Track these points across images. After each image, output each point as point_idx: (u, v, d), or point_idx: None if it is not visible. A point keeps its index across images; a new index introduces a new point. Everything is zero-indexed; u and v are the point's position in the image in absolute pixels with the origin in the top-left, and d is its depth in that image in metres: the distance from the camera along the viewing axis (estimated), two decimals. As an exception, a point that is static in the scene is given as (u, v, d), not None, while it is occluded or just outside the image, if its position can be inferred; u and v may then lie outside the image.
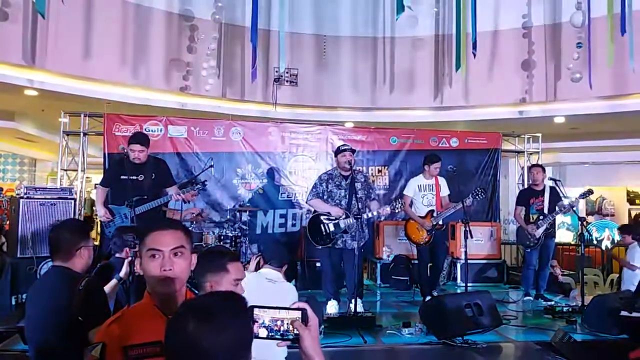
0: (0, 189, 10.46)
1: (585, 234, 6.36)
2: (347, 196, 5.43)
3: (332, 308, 5.34)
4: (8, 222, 6.68)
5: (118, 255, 4.05)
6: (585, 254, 6.43)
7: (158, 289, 1.83)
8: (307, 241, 6.63)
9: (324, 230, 5.38)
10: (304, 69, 8.99)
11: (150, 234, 1.86)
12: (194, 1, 8.29)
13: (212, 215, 7.31)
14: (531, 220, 6.34)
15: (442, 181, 6.26)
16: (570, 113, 8.57)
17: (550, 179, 6.44)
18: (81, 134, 7.33)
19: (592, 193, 6.32)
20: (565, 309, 5.58)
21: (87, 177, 7.88)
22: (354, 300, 5.01)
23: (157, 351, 1.68)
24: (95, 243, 7.20)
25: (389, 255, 7.44)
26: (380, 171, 8.08)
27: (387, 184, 8.03)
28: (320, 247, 5.45)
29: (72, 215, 6.05)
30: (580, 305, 5.52)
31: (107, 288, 3.12)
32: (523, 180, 8.78)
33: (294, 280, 7.22)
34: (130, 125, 7.10)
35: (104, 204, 5.21)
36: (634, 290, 5.01)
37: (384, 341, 4.55)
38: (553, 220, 6.38)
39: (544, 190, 6.40)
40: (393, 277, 7.23)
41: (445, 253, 6.98)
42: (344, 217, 5.33)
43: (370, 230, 7.38)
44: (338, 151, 5.56)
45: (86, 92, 7.70)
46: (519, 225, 6.53)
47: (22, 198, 5.77)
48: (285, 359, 2.78)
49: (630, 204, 12.54)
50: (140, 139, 5.18)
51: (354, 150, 5.60)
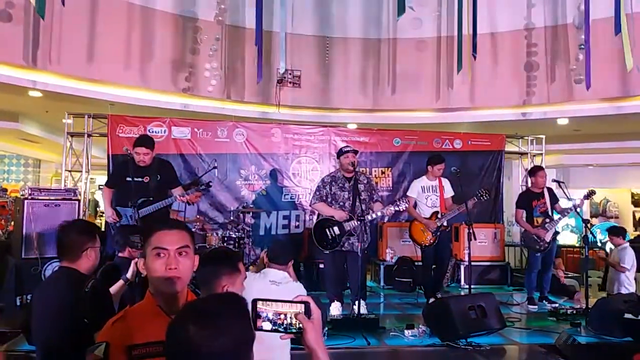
0: (5, 190, 10.50)
1: (590, 236, 6.34)
2: (351, 198, 5.42)
3: (336, 310, 5.34)
4: (12, 223, 6.70)
5: (121, 254, 4.06)
6: (589, 256, 6.41)
7: (162, 289, 1.82)
8: (311, 243, 6.64)
9: (329, 235, 5.37)
10: (307, 70, 9.00)
11: (155, 232, 1.85)
12: (197, 3, 8.31)
13: (216, 217, 7.32)
14: (536, 223, 6.27)
15: (446, 182, 6.24)
16: (573, 115, 8.56)
17: (554, 180, 6.40)
18: (85, 135, 7.35)
19: (595, 194, 6.27)
20: (569, 312, 5.57)
21: (91, 178, 7.90)
22: (357, 302, 5.01)
23: (160, 351, 1.67)
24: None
25: (392, 257, 7.43)
26: (383, 172, 8.08)
27: (391, 186, 8.03)
28: (327, 252, 5.43)
29: (77, 216, 6.07)
30: (584, 307, 5.50)
31: (114, 289, 3.12)
32: (527, 182, 8.76)
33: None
34: (134, 127, 7.11)
35: (110, 205, 5.23)
36: None
37: (387, 343, 4.55)
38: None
39: (543, 192, 6.36)
40: (396, 279, 7.22)
41: (450, 255, 6.97)
42: (348, 220, 5.33)
43: (374, 232, 7.40)
44: (341, 153, 5.55)
45: (90, 94, 7.73)
46: (524, 229, 6.46)
47: (27, 199, 5.79)
48: None
49: (635, 205, 12.52)
50: (146, 141, 5.18)
51: (356, 152, 5.59)
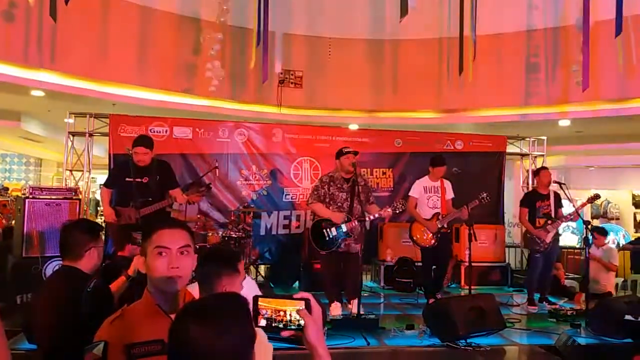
0: (6, 189, 10.53)
1: (590, 237, 6.33)
2: (349, 199, 5.42)
3: (337, 310, 5.33)
4: (14, 222, 6.72)
5: (121, 253, 4.08)
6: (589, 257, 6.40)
7: (163, 287, 1.81)
8: (311, 243, 6.64)
9: (326, 235, 5.36)
10: (309, 71, 9.01)
11: (157, 231, 1.84)
12: (199, 3, 8.33)
13: (216, 217, 7.33)
14: (538, 224, 6.27)
15: (448, 184, 6.23)
16: (575, 116, 8.56)
17: (556, 182, 6.40)
18: (87, 135, 7.36)
19: (599, 198, 6.26)
20: (569, 313, 5.56)
21: (92, 178, 7.91)
22: (357, 302, 5.01)
23: (159, 349, 1.69)
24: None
25: (392, 258, 7.43)
26: (384, 173, 8.07)
27: (391, 186, 8.03)
28: (324, 252, 5.42)
29: (78, 216, 6.08)
30: (584, 308, 5.50)
31: (115, 285, 3.13)
32: (528, 184, 8.76)
33: (297, 282, 7.25)
34: (136, 126, 7.12)
35: (110, 205, 5.25)
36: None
37: (387, 343, 4.55)
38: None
39: (549, 194, 6.36)
40: (397, 280, 7.22)
41: (450, 255, 6.97)
42: (346, 222, 5.32)
43: (374, 233, 7.40)
44: (341, 153, 5.52)
45: (92, 93, 7.75)
46: (525, 230, 6.45)
47: (28, 198, 5.80)
48: None
49: (636, 207, 12.50)
50: (144, 141, 5.20)
51: (356, 152, 5.58)
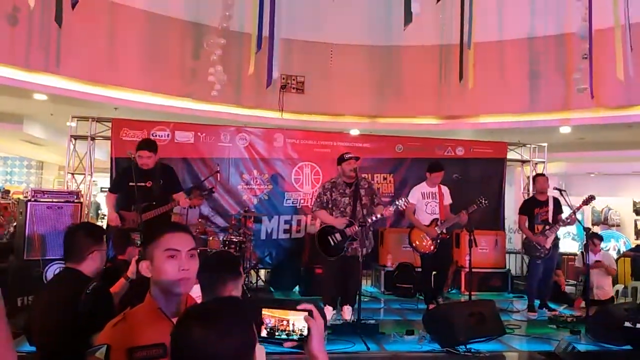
0: (8, 192, 10.56)
1: (590, 244, 6.34)
2: (352, 203, 5.44)
3: (329, 314, 5.34)
4: (15, 224, 6.74)
5: (121, 257, 4.09)
6: (589, 264, 6.41)
7: (173, 290, 1.81)
8: (311, 248, 6.65)
9: (332, 242, 5.39)
10: (311, 76, 9.04)
11: (166, 234, 1.84)
12: (202, 9, 8.37)
13: (217, 221, 7.35)
14: (536, 231, 6.29)
15: (445, 190, 6.26)
16: (576, 123, 8.58)
17: (556, 188, 6.42)
18: (89, 138, 7.38)
19: (594, 199, 6.27)
20: (569, 319, 5.57)
21: (94, 181, 7.93)
22: (348, 309, 5.03)
23: (161, 353, 1.70)
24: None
25: (392, 263, 7.44)
26: (385, 179, 8.09)
27: (392, 192, 8.03)
28: (333, 259, 5.43)
29: (79, 219, 6.11)
30: (584, 315, 5.50)
31: (116, 288, 3.13)
32: (528, 190, 8.77)
33: (297, 286, 7.25)
34: (138, 131, 7.14)
35: (114, 209, 5.28)
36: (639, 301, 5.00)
37: (387, 348, 4.56)
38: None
39: (547, 200, 6.38)
40: (397, 285, 7.23)
41: (450, 261, 6.97)
42: (349, 225, 5.34)
43: (375, 238, 7.41)
44: (342, 159, 5.55)
45: (95, 97, 7.79)
46: (525, 236, 6.48)
47: (30, 201, 5.84)
48: None
49: (637, 214, 12.50)
50: (148, 145, 5.24)
51: (358, 158, 5.60)
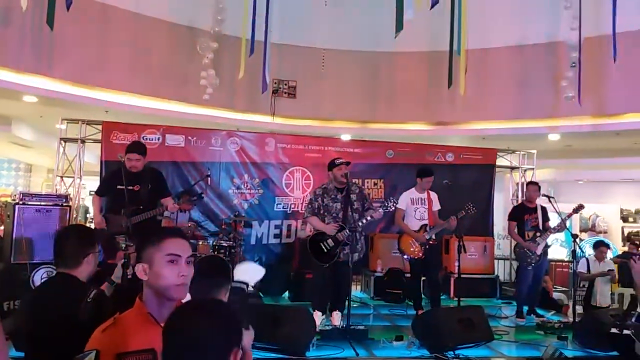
0: (-5, 194, 10.45)
1: (578, 250, 6.41)
2: (343, 209, 5.45)
3: (318, 319, 5.33)
4: (2, 228, 6.68)
5: (110, 261, 4.07)
6: (577, 270, 6.48)
7: (171, 295, 1.81)
8: (302, 253, 6.66)
9: (324, 248, 5.39)
10: (302, 81, 9.06)
11: (168, 239, 1.85)
12: (194, 12, 8.37)
13: (207, 225, 7.32)
14: (527, 237, 6.35)
15: (434, 196, 6.29)
16: (564, 131, 8.67)
17: (544, 195, 6.48)
18: (79, 141, 7.34)
19: (583, 208, 6.37)
20: (556, 325, 5.60)
21: (82, 184, 7.88)
22: (337, 314, 5.02)
23: (150, 358, 1.70)
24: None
25: (382, 268, 7.45)
26: (375, 184, 8.12)
27: (383, 197, 8.05)
28: (327, 265, 5.42)
29: (68, 223, 6.06)
30: (571, 321, 5.54)
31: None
32: (517, 196, 8.84)
33: (287, 292, 7.24)
34: (128, 134, 7.11)
35: (100, 212, 5.24)
36: (626, 308, 5.06)
37: (376, 354, 4.55)
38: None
39: (536, 207, 6.45)
40: (387, 290, 7.24)
41: (439, 267, 6.99)
42: (340, 230, 5.35)
43: (365, 243, 7.42)
44: (333, 164, 5.56)
45: (85, 100, 7.74)
46: (516, 243, 6.54)
47: (18, 204, 5.79)
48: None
49: (624, 221, 12.64)
50: (137, 148, 5.23)
51: (349, 163, 5.63)
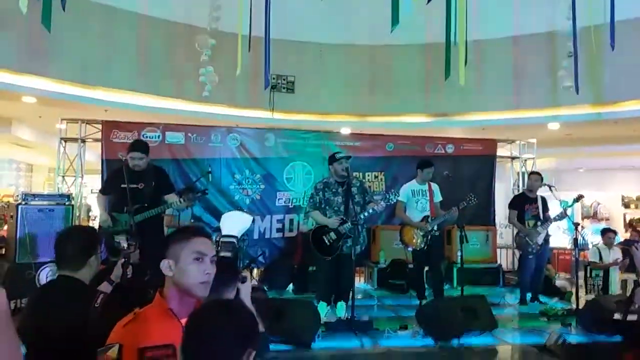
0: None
1: (580, 238, 6.43)
2: (345, 202, 5.47)
3: (322, 310, 5.37)
4: (6, 228, 6.71)
5: (114, 259, 4.09)
6: (580, 257, 6.50)
7: (195, 292, 1.85)
8: (304, 247, 6.68)
9: (327, 241, 5.42)
10: (301, 76, 9.06)
11: (195, 237, 1.90)
12: (191, 9, 8.36)
13: (210, 221, 7.34)
14: (527, 226, 6.39)
15: (435, 187, 6.31)
16: (564, 120, 8.68)
17: (545, 184, 6.50)
18: (79, 141, 7.34)
19: (583, 198, 6.41)
20: (560, 312, 5.64)
21: (84, 183, 7.90)
22: (347, 303, 5.06)
23: (169, 354, 1.73)
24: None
25: (385, 260, 7.48)
26: (376, 177, 8.14)
27: (384, 190, 8.07)
28: (329, 258, 5.45)
29: (70, 222, 6.09)
30: (575, 308, 5.57)
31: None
32: (518, 186, 8.86)
33: (291, 285, 7.28)
34: (128, 132, 7.12)
35: (105, 211, 5.26)
36: (629, 294, 5.07)
37: (381, 344, 4.59)
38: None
39: (536, 197, 6.48)
40: (390, 281, 7.28)
41: (442, 257, 7.02)
42: (342, 224, 5.37)
43: (367, 235, 7.45)
44: (334, 159, 5.59)
45: (84, 99, 7.75)
46: (517, 232, 6.57)
47: (20, 204, 5.82)
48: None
49: (625, 208, 12.68)
50: (140, 146, 5.22)
51: (349, 157, 5.65)
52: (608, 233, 7.30)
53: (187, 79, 8.22)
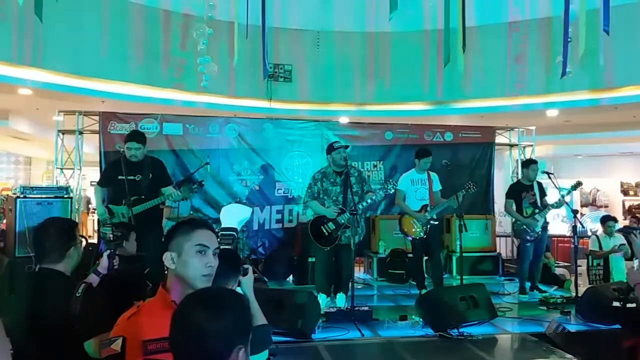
0: (-5, 188, 10.46)
1: (579, 225, 6.43)
2: (343, 192, 5.47)
3: (322, 301, 5.38)
4: (5, 221, 6.70)
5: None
6: (579, 245, 6.51)
7: (196, 284, 1.84)
8: (304, 238, 6.67)
9: (325, 231, 5.42)
10: (298, 64, 9.00)
11: (198, 230, 1.91)
12: (187, -2, 8.29)
13: (209, 212, 7.33)
14: (525, 214, 6.37)
15: (434, 176, 6.29)
16: (563, 106, 8.65)
17: (544, 172, 6.48)
18: (77, 133, 7.30)
19: (581, 185, 6.38)
20: (559, 300, 5.65)
21: (83, 175, 7.88)
22: (347, 294, 5.06)
23: None
24: (93, 241, 7.24)
25: (385, 250, 7.49)
26: (375, 166, 8.12)
27: (383, 179, 8.06)
28: (328, 248, 5.47)
29: (70, 214, 6.08)
30: (574, 296, 5.58)
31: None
32: (517, 174, 8.84)
33: (291, 276, 7.29)
34: (126, 123, 7.09)
35: (102, 203, 5.25)
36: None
37: (381, 334, 4.60)
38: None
39: (533, 185, 6.46)
40: (389, 271, 7.29)
41: (441, 246, 7.03)
42: (340, 214, 5.37)
43: (366, 225, 7.45)
44: (332, 148, 5.57)
45: (81, 91, 7.70)
46: (515, 220, 6.56)
47: (19, 197, 5.80)
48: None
49: (624, 194, 12.68)
50: (137, 136, 5.21)
51: (347, 146, 5.64)
52: (608, 221, 7.24)
53: (185, 69, 8.15)
